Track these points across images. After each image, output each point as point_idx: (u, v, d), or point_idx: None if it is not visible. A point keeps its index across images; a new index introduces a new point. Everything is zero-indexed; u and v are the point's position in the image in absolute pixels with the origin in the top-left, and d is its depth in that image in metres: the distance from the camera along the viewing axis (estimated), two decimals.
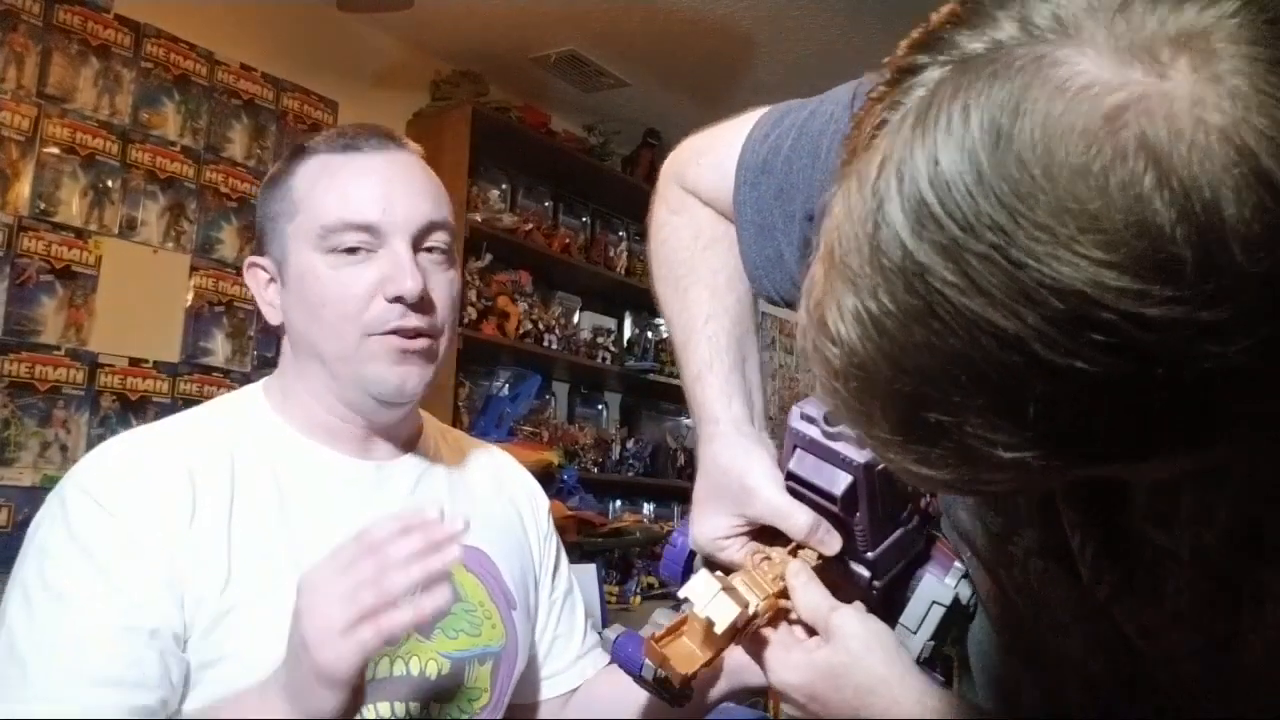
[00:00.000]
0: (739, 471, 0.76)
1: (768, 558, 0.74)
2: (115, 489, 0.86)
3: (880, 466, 0.69)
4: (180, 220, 2.71)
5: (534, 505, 1.16)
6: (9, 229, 2.38)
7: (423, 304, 0.94)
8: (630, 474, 3.87)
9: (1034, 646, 0.72)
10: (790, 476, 0.73)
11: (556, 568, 1.15)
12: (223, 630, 0.84)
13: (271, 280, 0.99)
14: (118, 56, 2.61)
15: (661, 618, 0.85)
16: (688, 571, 0.82)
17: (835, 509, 0.71)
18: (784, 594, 0.71)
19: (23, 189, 2.41)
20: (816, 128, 0.79)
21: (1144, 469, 0.42)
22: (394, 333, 0.93)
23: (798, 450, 0.72)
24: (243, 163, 2.86)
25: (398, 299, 0.92)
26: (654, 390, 4.04)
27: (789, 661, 0.69)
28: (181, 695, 0.84)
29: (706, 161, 0.87)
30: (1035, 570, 0.68)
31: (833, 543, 0.73)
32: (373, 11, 3.01)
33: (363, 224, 0.93)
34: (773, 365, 4.88)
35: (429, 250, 0.97)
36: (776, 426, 0.80)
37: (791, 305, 0.84)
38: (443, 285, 0.97)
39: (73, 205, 2.50)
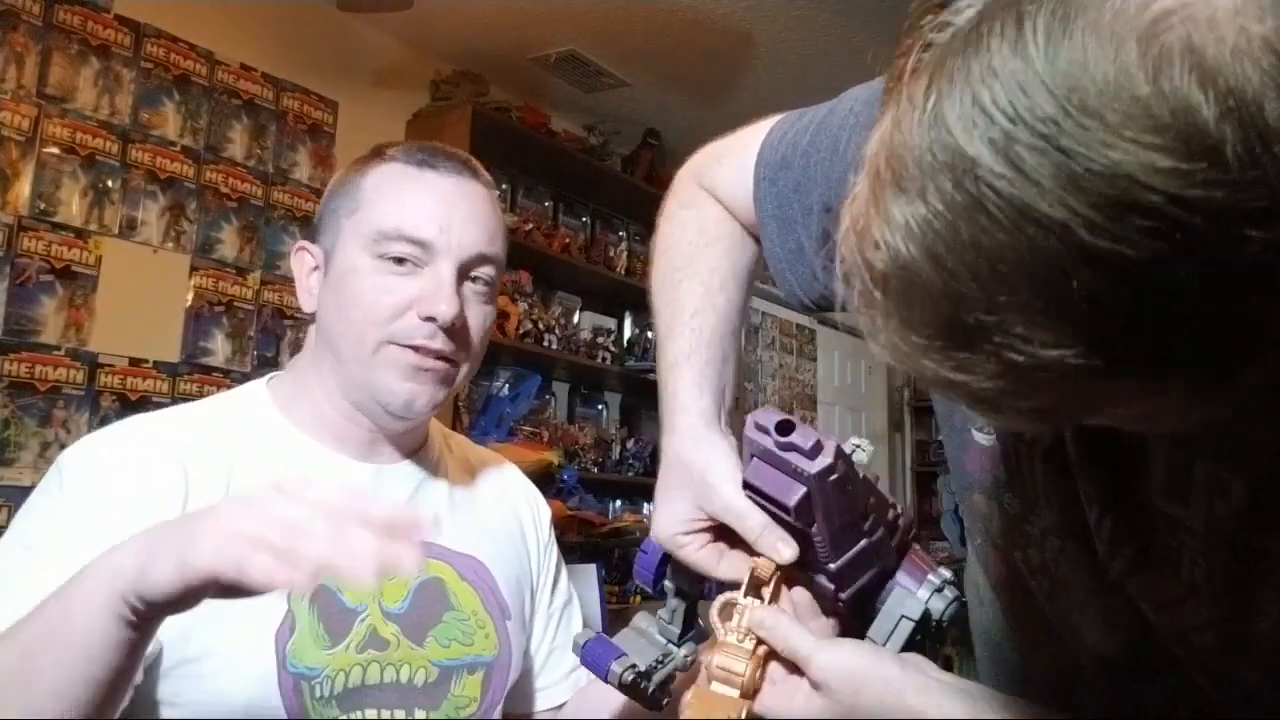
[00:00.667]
0: (701, 466, 0.76)
1: (733, 610, 0.72)
2: (111, 468, 0.86)
3: (834, 476, 0.68)
4: (180, 220, 2.71)
5: (535, 516, 1.15)
6: (9, 229, 2.38)
7: (453, 330, 0.94)
8: (630, 474, 3.87)
9: (1045, 631, 0.73)
10: (748, 486, 0.72)
11: (556, 580, 1.15)
12: (207, 627, 0.83)
13: (316, 268, 0.99)
14: (118, 56, 2.61)
15: (642, 621, 0.85)
16: (660, 577, 0.82)
17: (791, 519, 0.70)
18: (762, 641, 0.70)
19: (23, 189, 2.41)
20: (835, 123, 0.80)
21: (1171, 399, 0.43)
22: (415, 348, 0.93)
23: (754, 460, 0.71)
24: (243, 163, 2.86)
25: (430, 319, 0.92)
26: (654, 390, 4.00)
27: (793, 714, 0.68)
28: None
29: (727, 161, 0.89)
30: (1052, 549, 0.69)
31: (785, 551, 0.72)
32: (373, 11, 3.01)
33: (417, 239, 0.93)
34: (773, 365, 4.88)
35: (473, 280, 0.97)
36: None
37: (815, 302, 0.86)
38: (478, 317, 0.98)
39: (73, 205, 2.50)
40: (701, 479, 0.76)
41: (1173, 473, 0.58)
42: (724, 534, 0.77)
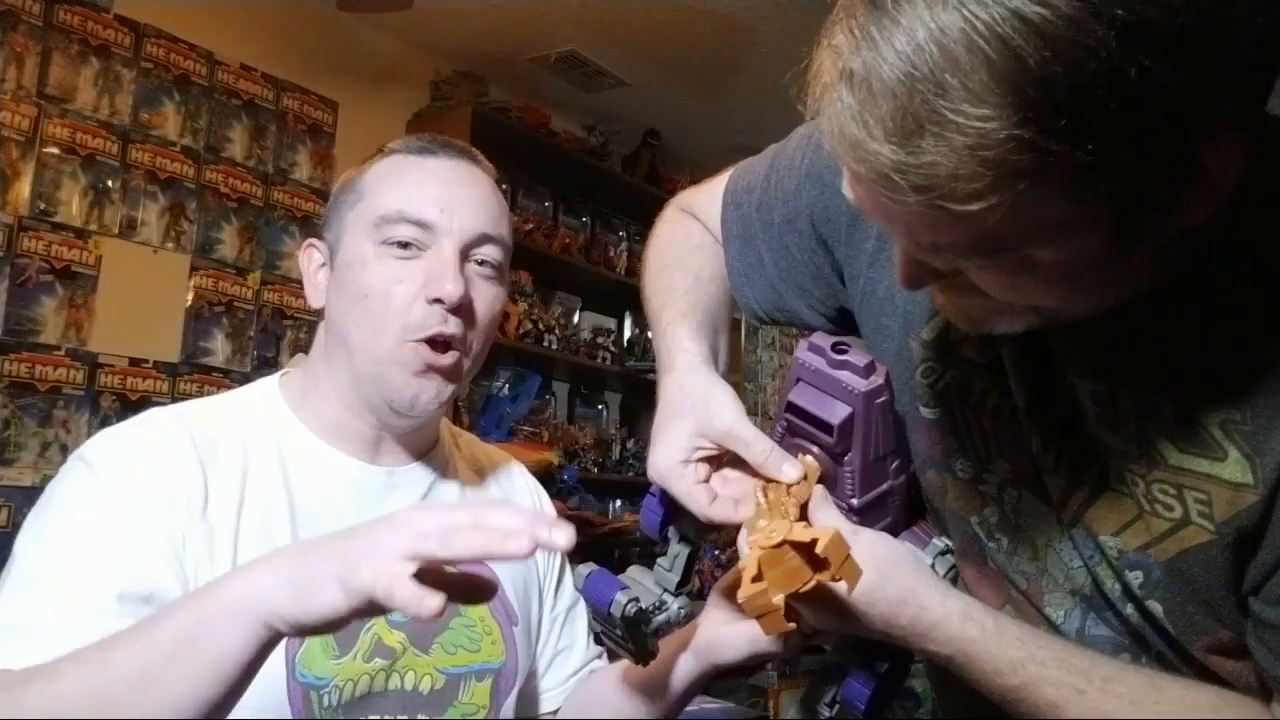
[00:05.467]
0: (704, 393, 0.79)
1: (766, 494, 0.74)
2: (137, 463, 0.85)
3: (881, 399, 0.70)
4: (180, 220, 2.71)
5: None
6: (9, 229, 2.38)
7: (461, 310, 0.93)
8: (630, 474, 3.88)
9: (1001, 591, 0.78)
10: (790, 408, 0.73)
11: (560, 581, 1.14)
12: None
13: (324, 265, 0.99)
14: (118, 56, 2.61)
15: (635, 572, 0.85)
16: (666, 523, 0.82)
17: (831, 440, 0.71)
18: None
19: (23, 189, 2.41)
20: (790, 148, 0.89)
21: (1090, 239, 0.52)
22: (428, 341, 0.92)
23: (800, 382, 0.73)
24: (243, 163, 2.86)
25: (437, 300, 0.91)
26: (654, 390, 4.02)
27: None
28: None
29: (704, 190, 1.00)
30: (1009, 501, 0.75)
31: (790, 471, 0.74)
32: (373, 11, 3.01)
33: (418, 220, 0.93)
34: (773, 365, 4.88)
35: (479, 262, 0.96)
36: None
37: (768, 313, 0.94)
38: (486, 298, 0.96)
39: (73, 205, 2.50)
40: (704, 403, 0.78)
41: (1100, 404, 0.66)
42: (717, 464, 0.79)
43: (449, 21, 3.15)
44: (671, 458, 0.77)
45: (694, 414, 0.78)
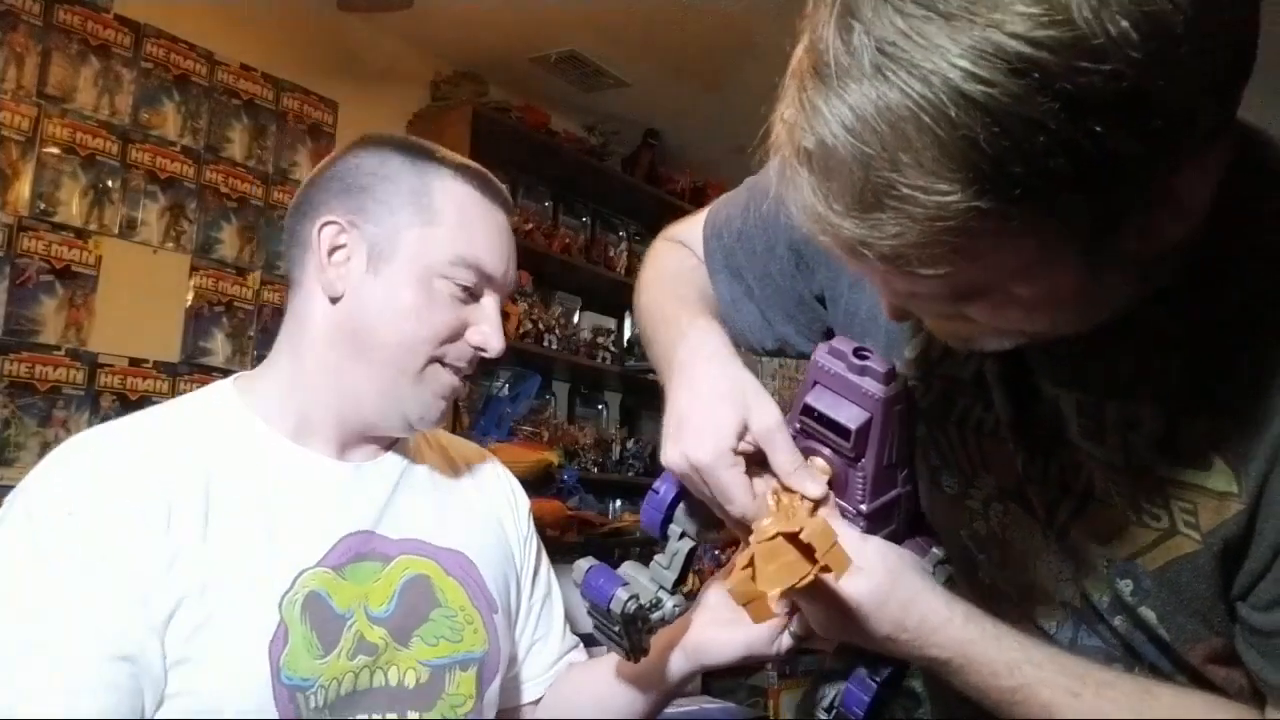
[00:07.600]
0: (744, 385, 0.75)
1: (779, 499, 0.74)
2: (87, 496, 0.83)
3: (899, 406, 0.70)
4: (180, 220, 2.71)
5: (514, 506, 1.14)
6: (9, 229, 2.38)
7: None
8: (630, 474, 3.87)
9: (989, 605, 0.78)
10: (806, 411, 0.73)
11: (536, 571, 1.14)
12: (200, 639, 0.83)
13: (340, 248, 0.96)
14: (118, 56, 2.61)
15: (630, 569, 0.85)
16: (668, 521, 0.81)
17: (846, 445, 0.71)
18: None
19: (23, 189, 2.41)
20: (766, 182, 0.89)
21: (1066, 269, 0.51)
22: (456, 369, 0.99)
23: (817, 385, 0.73)
24: (243, 163, 2.86)
25: (481, 350, 0.99)
26: (654, 390, 4.02)
27: (837, 588, 0.71)
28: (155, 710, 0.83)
29: (689, 223, 1.02)
30: (996, 515, 0.75)
31: (814, 488, 0.73)
32: (373, 11, 3.01)
33: (487, 273, 0.99)
34: (773, 365, 4.88)
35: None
36: None
37: (760, 345, 0.94)
38: None
39: (73, 205, 2.50)
40: (751, 395, 0.74)
41: (1085, 416, 0.66)
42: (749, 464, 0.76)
43: (449, 21, 3.15)
44: (723, 444, 0.72)
45: (740, 404, 0.74)
